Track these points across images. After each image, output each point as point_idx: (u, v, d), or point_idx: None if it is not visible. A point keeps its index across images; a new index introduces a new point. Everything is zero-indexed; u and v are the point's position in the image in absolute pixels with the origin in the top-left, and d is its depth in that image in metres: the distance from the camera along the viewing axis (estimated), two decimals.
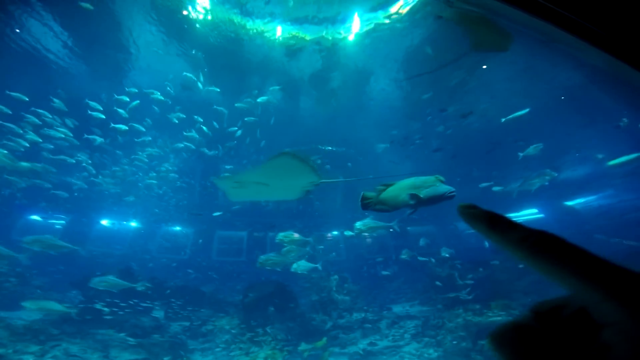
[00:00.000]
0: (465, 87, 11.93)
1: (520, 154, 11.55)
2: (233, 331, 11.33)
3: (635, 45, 2.25)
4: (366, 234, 11.72)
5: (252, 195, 5.45)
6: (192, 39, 10.28)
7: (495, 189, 13.56)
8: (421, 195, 3.63)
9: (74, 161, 13.35)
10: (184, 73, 11.56)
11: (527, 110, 10.49)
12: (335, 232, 18.38)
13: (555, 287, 0.45)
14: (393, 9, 9.10)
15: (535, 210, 18.02)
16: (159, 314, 12.23)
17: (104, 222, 20.77)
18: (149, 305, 11.72)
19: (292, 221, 17.76)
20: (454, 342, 9.88)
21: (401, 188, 3.83)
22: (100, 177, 15.67)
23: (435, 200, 3.63)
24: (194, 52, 10.75)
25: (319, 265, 10.51)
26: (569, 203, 16.85)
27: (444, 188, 3.65)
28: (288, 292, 12.74)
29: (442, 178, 3.74)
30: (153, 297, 12.57)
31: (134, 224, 21.01)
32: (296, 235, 9.44)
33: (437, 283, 12.48)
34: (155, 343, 9.46)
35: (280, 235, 9.35)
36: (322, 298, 12.51)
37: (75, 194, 15.25)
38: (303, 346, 10.41)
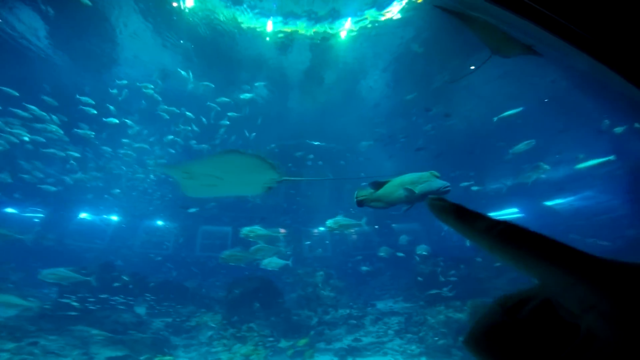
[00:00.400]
0: (451, 87, 12.12)
1: (510, 151, 11.80)
2: (217, 327, 11.24)
3: (620, 49, 2.32)
4: (338, 231, 11.70)
5: (209, 191, 5.23)
6: (181, 30, 10.05)
7: (474, 188, 13.86)
8: (416, 191, 3.67)
9: (61, 154, 12.96)
10: (164, 65, 11.32)
11: (520, 109, 10.68)
12: (322, 228, 18.44)
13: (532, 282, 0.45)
14: (386, 8, 9.13)
15: (515, 210, 18.55)
16: (140, 310, 12.01)
17: (84, 215, 20.17)
18: (130, 301, 11.48)
19: (280, 216, 17.69)
20: (436, 339, 10.08)
21: (396, 184, 3.86)
22: (80, 171, 15.21)
23: (430, 195, 3.67)
24: (182, 42, 10.48)
25: (289, 262, 10.42)
26: (549, 203, 17.40)
27: (439, 183, 3.70)
28: (273, 287, 12.71)
29: (436, 173, 3.79)
30: (135, 293, 12.34)
31: (115, 217, 20.49)
32: (263, 230, 9.04)
33: (419, 279, 12.70)
34: (137, 339, 9.27)
35: (245, 230, 8.97)
36: (308, 294, 12.54)
37: (54, 188, 14.74)
38: (283, 343, 10.40)
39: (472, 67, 10.46)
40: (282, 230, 17.94)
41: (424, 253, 13.06)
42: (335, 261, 15.79)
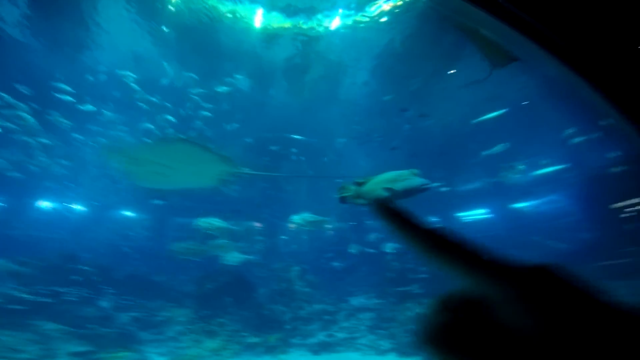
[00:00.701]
0: (429, 90, 12.42)
1: (484, 153, 12.27)
2: (186, 322, 10.99)
3: (591, 58, 2.46)
4: (307, 228, 11.71)
5: (160, 180, 5.02)
6: (164, 17, 9.65)
7: (443, 189, 14.34)
8: (396, 189, 3.76)
9: (28, 140, 12.17)
10: (143, 52, 10.85)
11: (503, 110, 11.08)
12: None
13: None
14: (374, 7, 9.19)
15: (485, 211, 19.38)
16: (105, 303, 11.51)
17: (46, 204, 18.98)
18: (93, 294, 10.99)
19: (258, 210, 17.46)
20: (406, 335, 10.36)
21: (378, 182, 3.95)
22: (46, 157, 14.35)
23: (410, 192, 3.79)
24: (164, 29, 10.06)
25: (252, 257, 10.28)
26: (516, 205, 18.30)
27: (418, 181, 3.81)
28: (246, 282, 12.58)
29: (417, 171, 3.89)
30: (99, 286, 11.82)
31: (80, 207, 19.42)
32: (221, 223, 8.72)
33: (389, 275, 12.99)
34: (102, 334, 8.89)
35: (201, 222, 8.60)
36: (282, 289, 12.51)
37: (18, 174, 13.87)
38: (254, 338, 10.32)
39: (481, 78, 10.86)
40: (258, 224, 17.72)
41: (392, 251, 13.33)
42: (310, 256, 15.82)
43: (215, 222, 8.56)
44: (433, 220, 19.60)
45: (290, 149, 15.43)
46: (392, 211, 0.52)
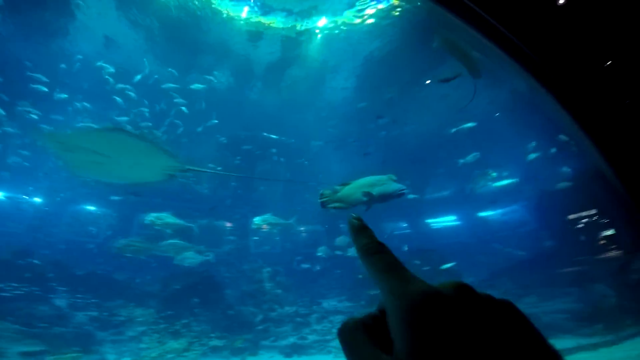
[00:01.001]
0: (405, 98, 12.85)
1: (455, 162, 12.85)
2: (148, 322, 10.55)
3: (560, 74, 2.68)
4: (266, 230, 11.57)
5: (96, 170, 4.77)
6: (149, 7, 9.31)
7: (410, 196, 14.83)
8: (373, 193, 3.88)
9: None
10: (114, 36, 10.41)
11: (474, 124, 11.65)
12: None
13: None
14: (361, 14, 9.40)
15: (454, 217, 20.18)
16: (61, 302, 10.79)
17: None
18: (48, 291, 10.29)
19: (230, 209, 17.13)
20: None
21: (356, 187, 4.06)
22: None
23: (387, 197, 3.93)
24: (148, 19, 9.71)
25: (210, 257, 10.03)
26: (482, 214, 19.20)
27: (395, 186, 3.95)
28: (215, 283, 12.28)
29: (394, 177, 4.03)
30: (55, 284, 11.09)
31: (38, 199, 18.10)
32: (173, 218, 8.27)
33: (360, 277, 13.20)
34: (57, 334, 8.32)
35: (152, 217, 8.13)
36: (253, 290, 12.32)
37: None
38: (219, 341, 10.06)
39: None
40: (229, 224, 17.36)
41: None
42: (283, 258, 15.71)
43: (166, 217, 7.98)
44: (403, 225, 20.11)
45: (265, 149, 15.32)
46: (359, 227, 0.55)
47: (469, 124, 11.96)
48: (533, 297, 11.07)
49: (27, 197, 17.87)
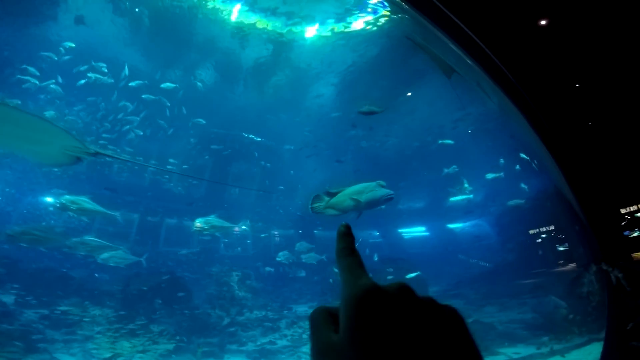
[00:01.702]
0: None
1: (446, 170, 13.43)
2: (104, 323, 10.00)
3: (534, 94, 2.86)
4: (208, 232, 11.32)
5: None
6: None
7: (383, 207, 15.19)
8: (362, 200, 4.00)
9: None
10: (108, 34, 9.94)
11: (452, 142, 12.19)
12: (244, 227, 17.88)
13: None
14: (350, 24, 9.57)
15: (423, 228, 20.76)
16: (7, 298, 9.99)
17: None
18: None
19: (200, 209, 16.64)
20: None
21: (347, 194, 4.17)
22: None
23: (375, 203, 4.07)
24: (137, 10, 9.33)
25: (142, 260, 9.74)
26: (450, 226, 19.91)
27: (382, 192, 4.09)
28: (181, 284, 11.87)
29: (382, 183, 4.17)
30: (1, 279, 10.27)
31: None
32: (91, 204, 7.54)
33: (331, 282, 13.25)
34: (1, 331, 7.69)
35: (64, 199, 7.26)
36: (221, 293, 12.01)
37: None
38: (175, 344, 9.67)
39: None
40: (198, 225, 16.80)
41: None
42: (253, 262, 15.45)
43: (84, 202, 7.20)
44: (376, 234, 20.42)
45: (239, 150, 15.14)
46: (342, 232, 0.61)
47: (445, 141, 12.49)
48: (495, 307, 11.58)
49: None
